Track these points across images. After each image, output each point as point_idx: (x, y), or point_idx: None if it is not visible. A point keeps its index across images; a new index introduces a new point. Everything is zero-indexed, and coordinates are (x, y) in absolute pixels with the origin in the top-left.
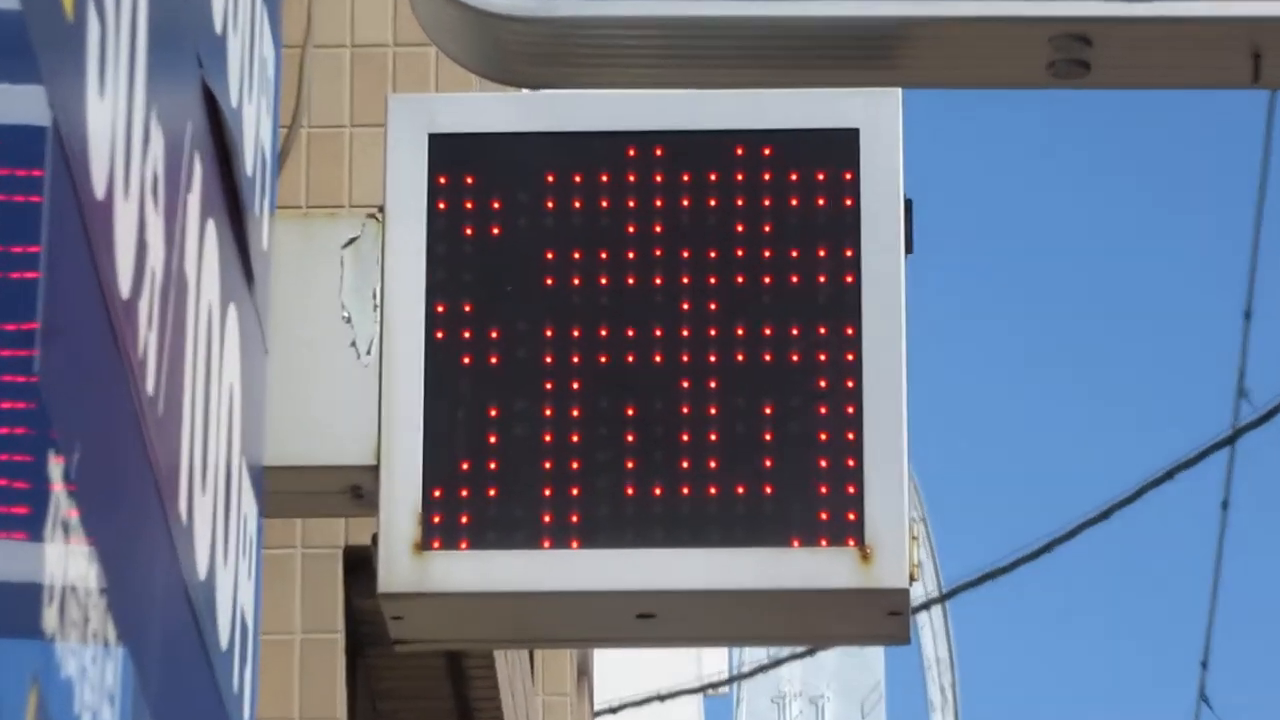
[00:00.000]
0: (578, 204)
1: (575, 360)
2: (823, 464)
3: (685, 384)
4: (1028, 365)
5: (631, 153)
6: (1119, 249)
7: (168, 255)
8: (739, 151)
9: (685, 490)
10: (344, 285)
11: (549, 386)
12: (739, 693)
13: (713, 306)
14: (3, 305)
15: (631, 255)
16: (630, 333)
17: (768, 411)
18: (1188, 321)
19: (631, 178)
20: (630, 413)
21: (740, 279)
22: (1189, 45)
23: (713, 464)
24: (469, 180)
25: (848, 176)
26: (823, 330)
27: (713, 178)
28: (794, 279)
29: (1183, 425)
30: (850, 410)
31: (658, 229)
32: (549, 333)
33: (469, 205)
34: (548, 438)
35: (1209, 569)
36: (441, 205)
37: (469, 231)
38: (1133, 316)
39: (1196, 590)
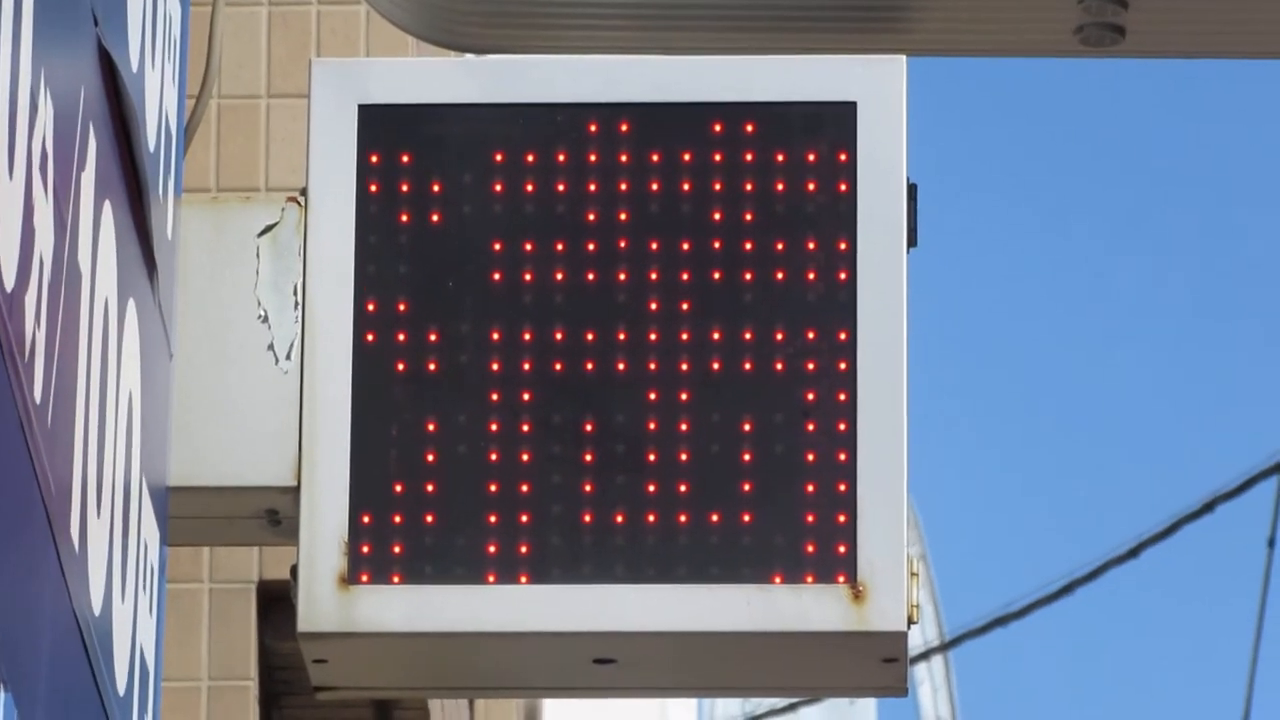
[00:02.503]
0: (530, 187)
1: (526, 367)
2: (810, 489)
3: (652, 396)
4: (1046, 380)
5: (593, 129)
6: (1157, 241)
7: (58, 242)
8: (717, 128)
9: (651, 518)
10: (260, 280)
11: (495, 398)
12: None
13: (685, 307)
14: None
15: (592, 247)
16: (590, 336)
17: (747, 428)
18: (1232, 331)
19: (593, 158)
20: (589, 428)
21: (717, 275)
22: (1240, 5)
23: (683, 488)
24: (405, 159)
25: (843, 157)
26: (812, 335)
27: (686, 158)
28: (779, 275)
29: (1224, 451)
30: (842, 427)
31: (622, 217)
32: (496, 336)
33: (405, 188)
34: (493, 456)
35: (1251, 616)
36: (373, 188)
37: (405, 218)
38: (1167, 321)
39: (1237, 640)
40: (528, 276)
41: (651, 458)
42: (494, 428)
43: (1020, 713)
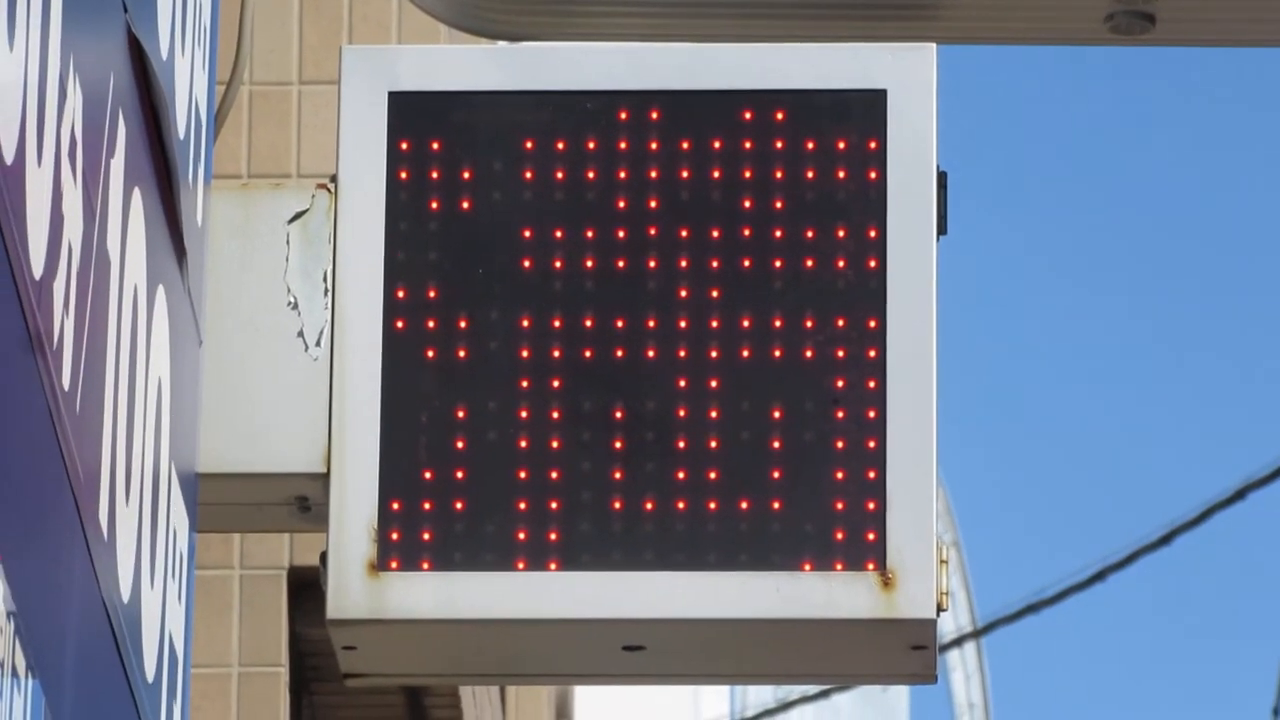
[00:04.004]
0: (560, 175)
1: (556, 355)
2: (839, 476)
3: (682, 383)
4: (1076, 366)
5: (623, 116)
6: (1190, 227)
7: (87, 229)
8: (747, 115)
9: (681, 505)
10: (290, 266)
11: (525, 385)
12: None
13: (715, 294)
14: None
15: (622, 234)
16: (619, 323)
17: (777, 415)
18: (1267, 317)
19: (623, 145)
20: (618, 415)
21: (747, 263)
22: None
23: (713, 475)
24: (435, 146)
25: (873, 145)
26: (841, 322)
27: (716, 145)
28: (809, 263)
29: (1256, 438)
30: (872, 414)
31: (652, 204)
32: (526, 323)
33: (435, 175)
34: (523, 443)
35: None
36: (403, 175)
37: (435, 205)
38: (1200, 305)
39: (1268, 626)
40: (558, 263)
41: (681, 445)
42: (524, 414)
43: (1052, 699)
